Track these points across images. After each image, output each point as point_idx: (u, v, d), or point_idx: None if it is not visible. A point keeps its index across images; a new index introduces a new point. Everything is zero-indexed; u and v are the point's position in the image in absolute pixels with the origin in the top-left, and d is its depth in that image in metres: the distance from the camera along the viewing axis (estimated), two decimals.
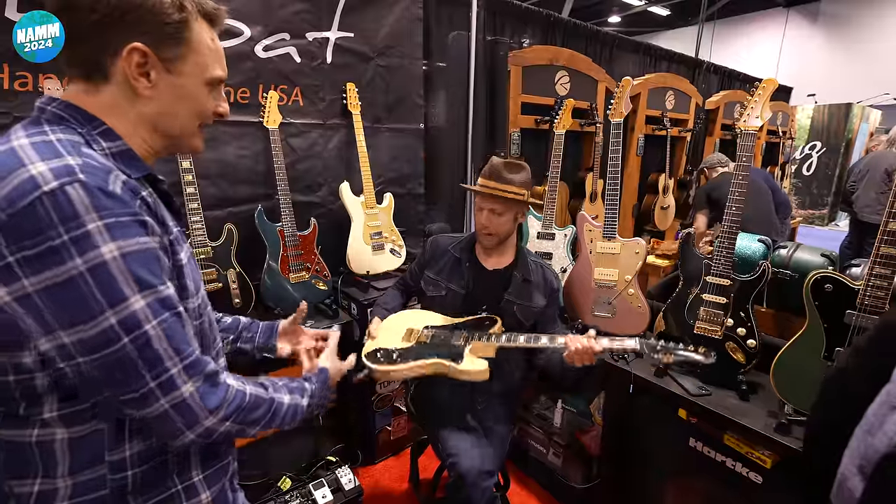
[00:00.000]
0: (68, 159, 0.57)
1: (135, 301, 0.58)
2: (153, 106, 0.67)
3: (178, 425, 0.64)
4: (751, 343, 1.45)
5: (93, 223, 0.55)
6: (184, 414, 0.64)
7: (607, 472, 1.78)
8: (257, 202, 1.97)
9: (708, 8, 5.57)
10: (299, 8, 2.00)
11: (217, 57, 0.71)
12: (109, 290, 0.56)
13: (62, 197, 0.54)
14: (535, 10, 2.90)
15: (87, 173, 0.56)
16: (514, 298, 1.56)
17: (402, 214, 2.40)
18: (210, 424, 0.67)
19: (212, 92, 0.72)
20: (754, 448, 1.33)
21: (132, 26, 0.62)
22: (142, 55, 0.63)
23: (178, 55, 0.66)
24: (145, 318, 0.59)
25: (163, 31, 0.63)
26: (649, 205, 3.53)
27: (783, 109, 4.93)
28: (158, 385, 0.61)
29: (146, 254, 0.60)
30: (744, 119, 1.46)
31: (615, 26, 11.63)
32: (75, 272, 0.54)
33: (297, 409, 0.81)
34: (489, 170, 1.54)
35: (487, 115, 2.72)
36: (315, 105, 2.14)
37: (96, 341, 0.57)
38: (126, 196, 0.59)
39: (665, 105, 3.40)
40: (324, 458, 1.98)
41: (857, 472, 0.63)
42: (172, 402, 0.62)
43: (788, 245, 1.65)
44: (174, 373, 0.62)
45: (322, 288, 2.01)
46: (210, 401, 0.66)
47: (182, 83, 0.68)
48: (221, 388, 0.69)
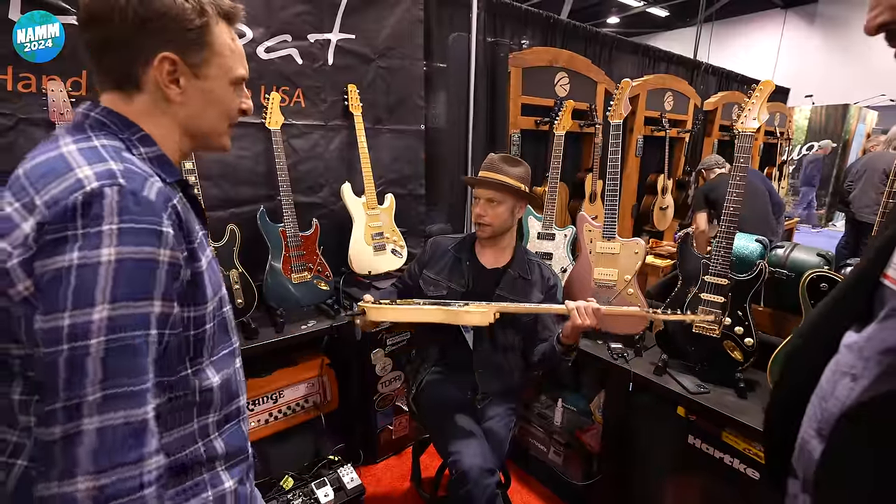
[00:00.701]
0: (111, 164, 0.58)
1: (97, 311, 0.54)
2: (185, 111, 0.69)
3: (52, 469, 0.52)
4: (748, 341, 1.46)
5: (109, 225, 0.55)
6: (67, 455, 0.51)
7: (607, 470, 1.79)
8: (259, 203, 1.98)
9: (706, 9, 5.60)
10: (301, 10, 2.01)
11: (238, 57, 0.73)
12: (82, 292, 0.53)
13: (98, 198, 0.55)
14: (535, 12, 2.92)
15: (127, 178, 0.58)
16: (506, 294, 1.58)
17: (403, 215, 2.41)
18: (82, 488, 0.51)
19: (236, 90, 0.74)
20: (752, 445, 1.35)
21: (158, 35, 0.63)
22: (171, 63, 0.65)
23: (202, 60, 0.68)
24: (97, 330, 0.53)
25: (186, 37, 0.65)
26: (648, 205, 3.56)
27: (781, 110, 4.96)
28: (65, 407, 0.52)
29: (145, 264, 0.57)
30: (741, 121, 1.48)
31: (614, 27, 11.66)
32: (66, 265, 0.53)
33: None
34: (488, 162, 1.58)
35: (488, 116, 2.74)
36: (317, 106, 2.15)
37: (46, 338, 0.53)
38: (158, 203, 0.60)
39: (664, 106, 3.42)
40: (326, 458, 2.00)
41: (816, 435, 0.66)
42: (65, 433, 0.52)
43: (785, 245, 1.67)
44: (88, 400, 0.52)
45: (324, 288, 2.02)
46: (106, 454, 0.52)
47: (210, 87, 0.70)
48: (135, 451, 0.54)
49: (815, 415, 0.68)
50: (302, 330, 1.90)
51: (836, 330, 0.69)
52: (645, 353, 1.78)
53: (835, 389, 0.64)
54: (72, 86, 1.54)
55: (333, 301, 2.07)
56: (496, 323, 1.50)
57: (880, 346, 0.60)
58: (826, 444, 0.63)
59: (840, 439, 0.61)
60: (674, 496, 1.64)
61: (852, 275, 0.70)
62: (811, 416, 0.69)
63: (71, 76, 1.54)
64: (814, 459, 0.65)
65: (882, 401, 0.56)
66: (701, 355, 1.56)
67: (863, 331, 0.65)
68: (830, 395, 0.65)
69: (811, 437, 0.68)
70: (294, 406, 1.96)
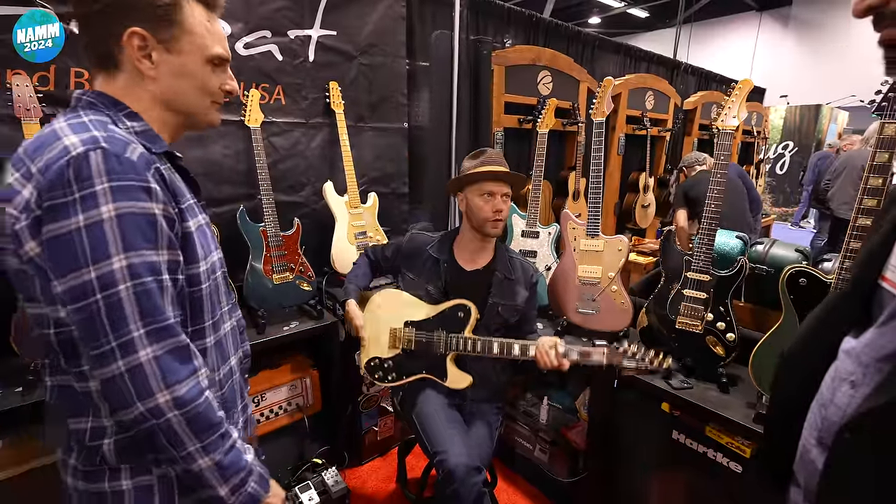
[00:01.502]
0: (95, 133, 0.65)
1: (116, 261, 0.63)
2: (160, 85, 0.74)
3: (130, 395, 0.64)
4: (730, 337, 1.48)
5: (101, 185, 0.62)
6: (136, 382, 0.63)
7: (593, 466, 1.80)
8: (239, 202, 1.94)
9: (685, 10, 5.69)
10: (280, 5, 1.97)
11: (216, 37, 0.77)
12: (97, 247, 0.62)
13: (84, 161, 0.62)
14: (518, 11, 2.92)
15: (109, 143, 0.65)
16: (499, 299, 1.57)
17: (386, 214, 2.39)
18: (162, 402, 0.65)
19: (215, 70, 0.78)
20: (734, 438, 1.37)
21: (128, 13, 0.69)
22: (141, 38, 0.70)
23: (173, 35, 0.72)
24: (122, 278, 0.63)
25: (155, 13, 0.70)
26: (631, 203, 3.59)
27: (757, 110, 5.07)
28: (119, 345, 0.63)
29: (143, 217, 0.65)
30: (721, 119, 1.50)
31: (596, 27, 11.78)
32: (74, 226, 0.61)
33: (214, 474, 0.72)
34: (492, 156, 1.55)
35: (471, 114, 2.72)
36: (297, 104, 2.11)
37: (75, 293, 0.62)
38: (140, 164, 0.66)
39: (645, 105, 3.46)
40: (309, 461, 1.96)
41: (817, 444, 0.66)
42: (128, 366, 0.63)
43: (764, 241, 1.69)
44: (136, 336, 0.63)
45: (306, 289, 1.99)
46: (170, 374, 0.66)
47: (182, 62, 0.74)
48: (187, 367, 0.68)
49: (815, 422, 0.68)
50: (284, 331, 1.86)
51: (834, 335, 0.68)
52: None
53: (834, 396, 0.64)
54: (39, 80, 1.48)
55: (316, 302, 2.04)
56: (481, 329, 1.54)
57: (879, 352, 0.59)
58: (828, 455, 0.62)
59: (842, 450, 0.60)
60: (659, 491, 1.65)
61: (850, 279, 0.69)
62: (812, 424, 0.69)
63: (37, 72, 1.48)
64: (816, 469, 0.65)
65: (882, 411, 0.55)
66: (684, 351, 1.58)
67: (861, 336, 0.64)
68: (830, 403, 0.64)
69: (812, 446, 0.67)
70: (276, 409, 1.92)
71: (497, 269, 1.59)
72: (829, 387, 0.66)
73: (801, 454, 0.70)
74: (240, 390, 0.91)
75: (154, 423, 0.66)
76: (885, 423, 0.55)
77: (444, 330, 1.52)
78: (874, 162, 1.09)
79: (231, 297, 0.92)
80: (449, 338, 1.51)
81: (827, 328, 0.71)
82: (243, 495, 0.76)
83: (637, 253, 3.24)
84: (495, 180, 1.50)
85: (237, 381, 0.89)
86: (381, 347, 1.60)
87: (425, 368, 1.56)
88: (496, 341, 1.45)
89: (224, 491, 0.74)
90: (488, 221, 1.51)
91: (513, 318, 1.59)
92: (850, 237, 1.14)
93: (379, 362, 1.61)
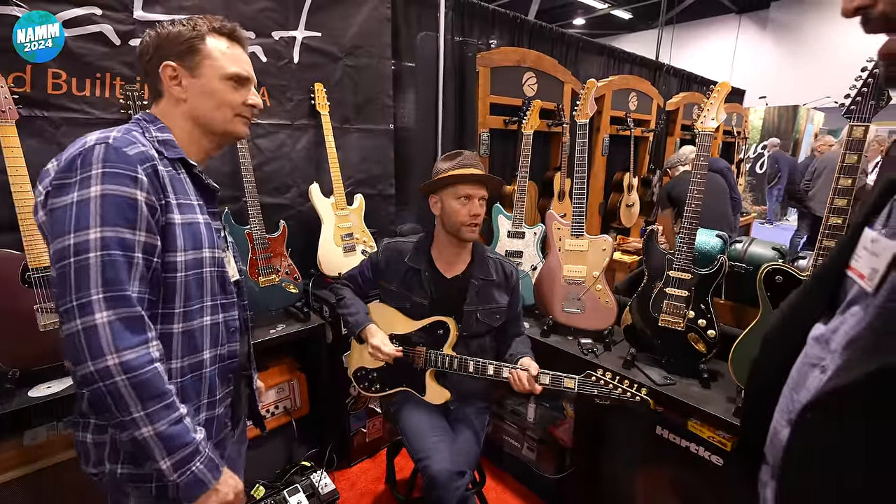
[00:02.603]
0: (111, 133, 0.80)
1: (93, 232, 0.73)
2: (189, 105, 0.90)
3: (84, 353, 0.72)
4: (711, 333, 1.52)
5: (97, 170, 0.75)
6: (90, 341, 0.72)
7: (579, 463, 1.83)
8: (224, 205, 1.92)
9: (667, 12, 5.78)
10: (264, 6, 1.96)
11: (233, 60, 0.91)
12: (80, 219, 0.73)
13: (90, 151, 0.76)
14: (503, 12, 2.94)
15: (116, 140, 0.78)
16: (475, 306, 1.56)
17: (372, 215, 2.39)
18: (111, 363, 0.72)
19: (236, 87, 0.92)
20: (715, 433, 1.40)
21: (164, 53, 0.88)
22: (172, 69, 0.88)
23: (195, 62, 0.88)
24: (94, 247, 0.73)
25: (181, 48, 0.88)
26: (615, 203, 3.64)
27: (737, 111, 5.17)
28: (78, 305, 0.72)
29: (124, 200, 0.76)
30: (701, 120, 1.53)
31: (580, 29, 11.89)
32: (69, 201, 0.74)
33: (157, 444, 0.75)
34: (469, 158, 1.51)
35: (457, 115, 2.74)
36: (282, 105, 2.10)
37: (57, 255, 0.74)
38: (135, 158, 0.78)
39: (628, 106, 3.51)
40: (298, 464, 1.96)
41: (787, 425, 0.68)
42: (84, 325, 0.72)
43: (743, 240, 1.74)
44: (94, 299, 0.72)
45: (293, 291, 1.98)
46: (120, 340, 0.73)
47: (204, 83, 0.89)
48: (139, 336, 0.75)
49: (786, 406, 0.70)
50: (271, 334, 1.85)
51: (805, 322, 0.71)
52: (614, 347, 1.82)
53: (805, 380, 0.66)
54: (14, 81, 1.46)
55: (303, 304, 2.03)
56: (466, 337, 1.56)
57: (844, 339, 0.61)
58: (790, 431, 0.65)
59: (804, 427, 0.63)
60: (643, 485, 1.68)
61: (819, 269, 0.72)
62: (783, 408, 0.71)
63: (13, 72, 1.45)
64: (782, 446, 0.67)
65: (842, 391, 0.58)
66: (667, 348, 1.61)
67: (829, 322, 0.67)
68: (801, 387, 0.67)
69: (782, 427, 0.70)
70: (264, 413, 1.90)
71: (473, 275, 1.57)
72: (799, 371, 0.69)
73: (771, 436, 0.73)
74: (209, 389, 0.91)
75: (101, 385, 0.72)
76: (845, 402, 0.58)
77: (424, 345, 1.54)
78: (843, 163, 1.13)
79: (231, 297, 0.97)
80: (428, 354, 1.53)
81: (799, 315, 0.73)
82: (187, 475, 0.78)
83: (622, 252, 3.29)
84: (474, 183, 1.47)
85: (207, 376, 0.90)
86: (367, 358, 1.61)
87: (405, 382, 1.59)
88: (472, 361, 1.47)
89: (166, 464, 0.76)
90: (464, 226, 1.47)
91: (494, 322, 1.59)
92: (822, 235, 1.18)
93: (365, 373, 1.65)
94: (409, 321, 1.57)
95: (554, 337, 1.93)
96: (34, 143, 1.49)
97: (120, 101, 1.61)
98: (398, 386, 1.61)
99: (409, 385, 1.59)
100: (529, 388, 1.39)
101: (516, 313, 1.66)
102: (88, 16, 1.55)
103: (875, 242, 0.60)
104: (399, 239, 1.67)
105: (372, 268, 1.65)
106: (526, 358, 1.49)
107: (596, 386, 1.36)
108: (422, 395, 1.57)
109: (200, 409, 0.90)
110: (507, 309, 1.61)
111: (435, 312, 1.55)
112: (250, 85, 0.95)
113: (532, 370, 1.40)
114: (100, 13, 1.56)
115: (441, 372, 1.55)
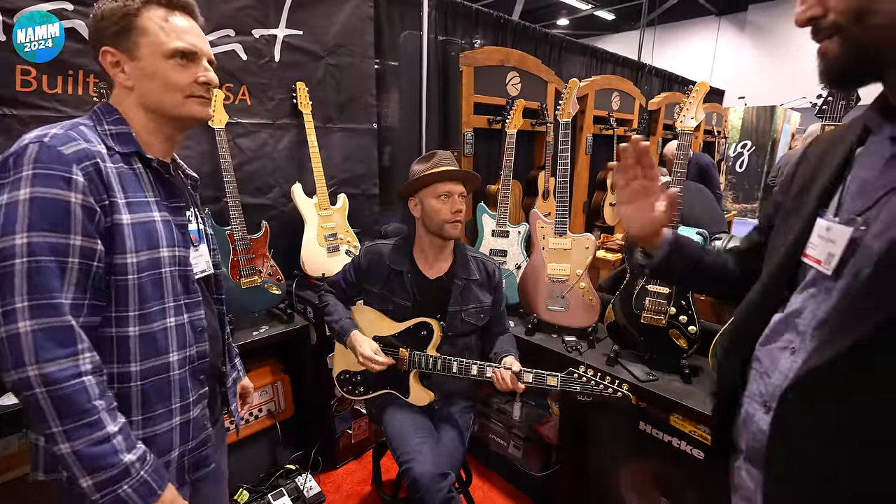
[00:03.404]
0: (50, 130, 0.75)
1: (19, 237, 0.69)
2: (137, 92, 0.83)
3: (8, 361, 0.69)
4: (692, 329, 1.54)
5: (27, 171, 0.71)
6: (13, 350, 0.68)
7: (565, 460, 1.84)
8: (204, 205, 1.88)
9: (649, 14, 5.86)
10: (244, 4, 1.93)
11: (174, 33, 0.81)
12: (7, 223, 0.70)
13: (24, 151, 0.72)
14: (486, 12, 2.95)
15: (52, 138, 0.74)
16: (459, 307, 1.56)
17: (356, 215, 2.37)
18: (31, 375, 0.68)
19: (183, 65, 0.82)
20: (697, 427, 1.43)
21: (98, 37, 0.81)
22: (111, 55, 0.81)
23: (132, 42, 0.80)
24: (20, 253, 0.69)
25: (114, 28, 0.79)
26: (599, 201, 3.67)
27: (717, 111, 5.27)
28: (3, 313, 0.69)
29: (55, 203, 0.71)
30: (680, 120, 1.55)
31: (563, 29, 11.98)
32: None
33: (75, 463, 0.71)
34: (444, 157, 1.51)
35: (441, 114, 2.73)
36: (264, 104, 2.07)
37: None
38: (70, 157, 0.73)
39: (611, 106, 3.55)
40: (283, 467, 1.94)
41: (761, 407, 0.71)
42: (7, 333, 0.69)
43: (722, 236, 1.77)
44: (18, 307, 0.69)
45: (276, 292, 1.95)
46: (42, 351, 0.69)
47: (145, 64, 0.81)
48: (64, 348, 0.71)
49: (758, 391, 0.72)
50: (253, 336, 1.83)
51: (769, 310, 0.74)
52: (598, 344, 1.84)
53: (777, 364, 0.69)
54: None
55: (286, 305, 2.01)
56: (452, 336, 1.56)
57: (814, 321, 0.64)
58: (773, 415, 0.67)
59: (787, 409, 0.65)
60: (627, 480, 1.70)
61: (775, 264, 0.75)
62: (754, 392, 0.74)
63: None
64: (763, 431, 0.69)
65: (820, 370, 0.60)
66: (650, 344, 1.63)
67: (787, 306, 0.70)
68: (773, 370, 0.69)
69: (756, 411, 0.72)
70: (247, 416, 1.88)
71: (457, 276, 1.57)
72: (768, 356, 0.72)
73: (743, 421, 0.75)
74: (180, 392, 0.87)
75: (24, 395, 0.70)
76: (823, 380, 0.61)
77: (407, 347, 1.53)
78: None
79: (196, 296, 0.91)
80: (412, 355, 1.52)
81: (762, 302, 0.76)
82: (110, 497, 0.73)
83: (605, 250, 3.31)
84: (451, 180, 1.48)
85: (177, 379, 0.87)
86: (350, 361, 1.59)
87: (389, 385, 1.58)
88: (455, 361, 1.47)
89: (87, 483, 0.72)
90: (447, 223, 1.48)
91: (479, 321, 1.59)
92: None
93: (348, 376, 1.64)
94: (392, 323, 1.56)
95: (538, 335, 1.94)
96: (2, 142, 1.45)
97: (94, 98, 1.57)
98: (382, 388, 1.60)
99: (393, 387, 1.58)
100: (512, 387, 1.40)
101: (500, 311, 1.67)
102: (59, 10, 1.51)
103: (830, 230, 0.64)
104: (379, 241, 1.66)
105: (354, 271, 1.65)
106: (509, 357, 1.49)
107: (578, 383, 1.37)
108: (406, 397, 1.56)
109: (174, 413, 0.87)
110: (491, 308, 1.61)
111: (418, 314, 1.54)
112: (201, 59, 0.84)
113: (515, 368, 1.41)
114: (71, 8, 1.52)
115: (425, 373, 1.55)
